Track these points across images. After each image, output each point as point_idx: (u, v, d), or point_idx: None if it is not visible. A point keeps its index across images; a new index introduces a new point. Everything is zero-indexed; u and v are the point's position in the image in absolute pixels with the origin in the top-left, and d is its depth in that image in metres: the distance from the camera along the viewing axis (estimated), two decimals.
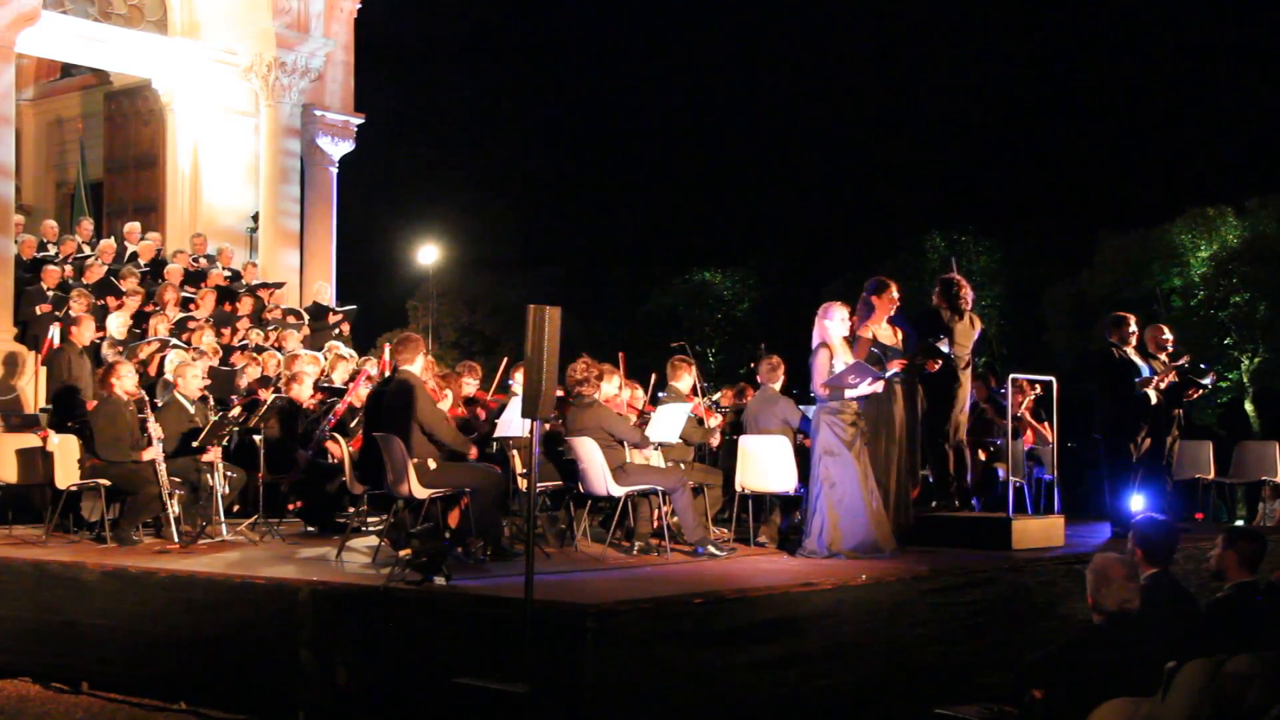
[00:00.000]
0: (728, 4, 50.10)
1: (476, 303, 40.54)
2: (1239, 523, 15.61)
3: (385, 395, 9.23)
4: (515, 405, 9.14)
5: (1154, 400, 10.50)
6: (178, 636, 7.84)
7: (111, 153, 19.29)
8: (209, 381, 11.34)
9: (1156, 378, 10.49)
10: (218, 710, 7.56)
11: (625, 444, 9.53)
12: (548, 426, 9.67)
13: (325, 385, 12.00)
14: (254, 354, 13.24)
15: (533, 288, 35.31)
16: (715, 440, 10.96)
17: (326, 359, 13.27)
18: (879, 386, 9.10)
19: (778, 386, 10.27)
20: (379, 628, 7.05)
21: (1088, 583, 5.33)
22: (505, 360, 11.77)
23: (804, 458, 9.58)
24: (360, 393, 10.96)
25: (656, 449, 9.83)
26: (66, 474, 10.17)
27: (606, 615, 6.40)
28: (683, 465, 10.18)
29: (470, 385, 10.72)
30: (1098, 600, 5.27)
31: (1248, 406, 30.08)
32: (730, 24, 51.44)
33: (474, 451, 9.28)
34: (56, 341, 12.35)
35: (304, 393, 11.33)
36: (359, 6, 19.78)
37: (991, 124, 42.37)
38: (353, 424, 10.70)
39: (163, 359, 12.01)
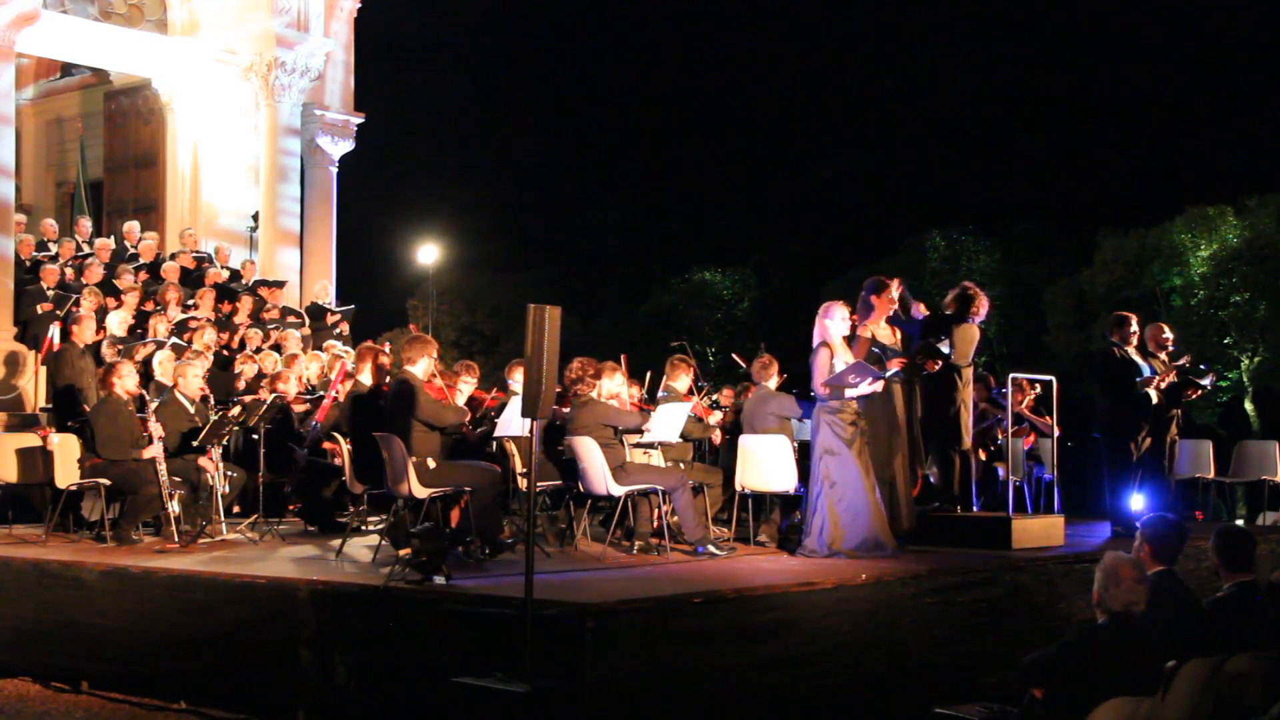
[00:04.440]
0: (728, 4, 50.14)
1: (476, 303, 40.56)
2: (1239, 522, 15.61)
3: (386, 395, 9.24)
4: (515, 405, 9.15)
5: (1155, 400, 10.50)
6: (178, 636, 7.84)
7: (111, 152, 19.30)
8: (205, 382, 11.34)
9: (1157, 378, 10.50)
10: (218, 710, 7.57)
11: (624, 442, 9.54)
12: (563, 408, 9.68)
13: (309, 392, 12.01)
14: (252, 354, 13.25)
15: (533, 288, 35.32)
16: (717, 438, 10.96)
17: (325, 358, 13.29)
18: (879, 386, 9.11)
19: (772, 385, 10.28)
20: (379, 627, 7.05)
21: (1096, 580, 5.31)
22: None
23: (804, 457, 9.58)
24: (344, 389, 10.92)
25: (656, 448, 9.83)
26: (66, 473, 10.18)
27: (606, 615, 6.40)
28: (682, 465, 10.18)
29: (469, 385, 10.71)
30: (1104, 599, 5.26)
31: (1248, 406, 30.06)
32: (730, 24, 51.50)
33: (467, 415, 9.50)
34: (56, 341, 12.35)
35: (290, 390, 11.36)
36: (359, 6, 19.78)
37: (991, 124, 42.44)
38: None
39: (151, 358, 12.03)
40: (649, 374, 11.52)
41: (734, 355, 14.43)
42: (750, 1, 49.77)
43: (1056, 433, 11.26)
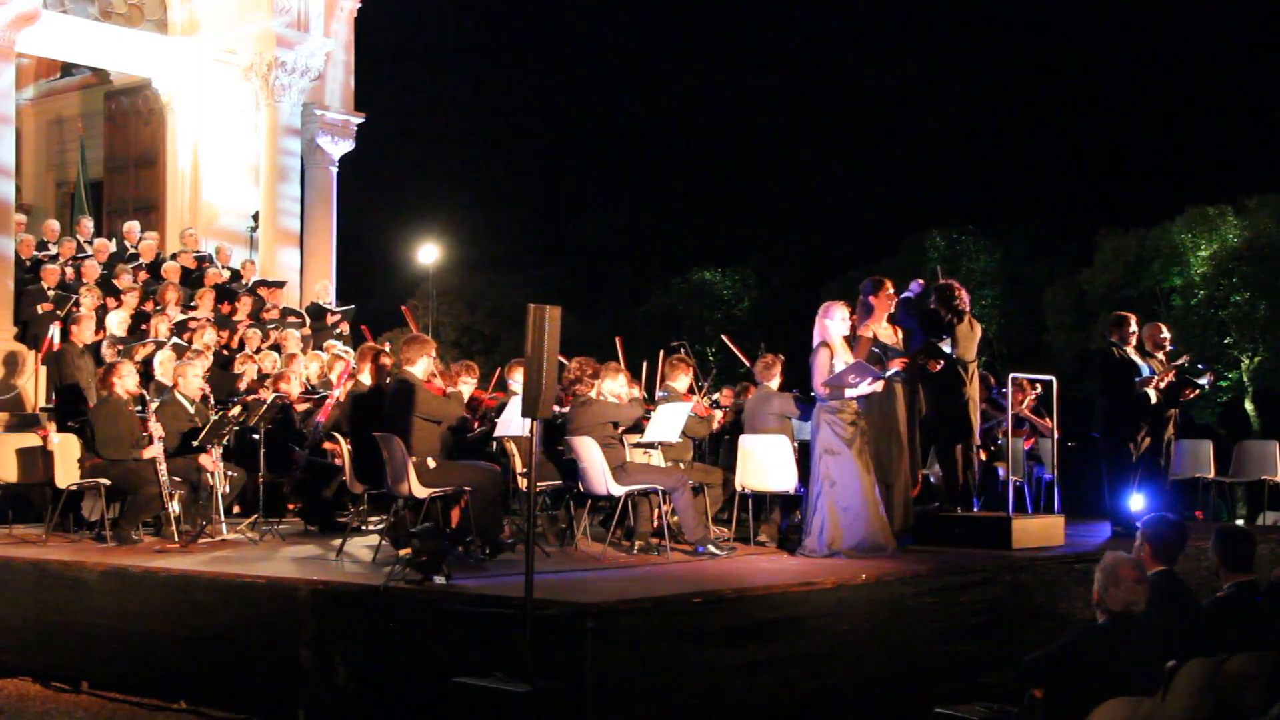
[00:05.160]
0: (727, 4, 50.14)
1: (476, 303, 40.54)
2: (1239, 522, 15.62)
3: (385, 396, 9.24)
4: (515, 405, 9.15)
5: (1154, 400, 10.50)
6: (178, 636, 7.85)
7: (111, 152, 19.30)
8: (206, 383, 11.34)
9: (1157, 377, 10.50)
10: (218, 710, 7.57)
11: (624, 442, 9.54)
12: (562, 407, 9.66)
13: (310, 392, 12.00)
14: (252, 354, 13.25)
15: (533, 288, 35.29)
16: (715, 426, 10.96)
17: (325, 358, 13.28)
18: (879, 386, 9.11)
19: (774, 384, 10.29)
20: (379, 628, 7.05)
21: (1095, 580, 5.32)
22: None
23: (804, 457, 9.58)
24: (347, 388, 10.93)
25: (656, 448, 9.83)
26: (67, 473, 10.18)
27: (606, 615, 6.40)
28: (682, 465, 10.18)
29: (468, 385, 10.71)
30: (1104, 599, 5.26)
31: (1248, 406, 30.05)
32: (730, 23, 51.49)
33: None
34: (56, 341, 12.36)
35: (293, 390, 11.36)
36: (359, 6, 19.78)
37: (991, 123, 42.41)
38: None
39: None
40: (645, 365, 11.49)
41: (724, 337, 14.21)
42: (750, 2, 49.79)
43: (1056, 435, 11.27)
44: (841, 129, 44.47)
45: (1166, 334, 11.09)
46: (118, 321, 12.90)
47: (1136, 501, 10.29)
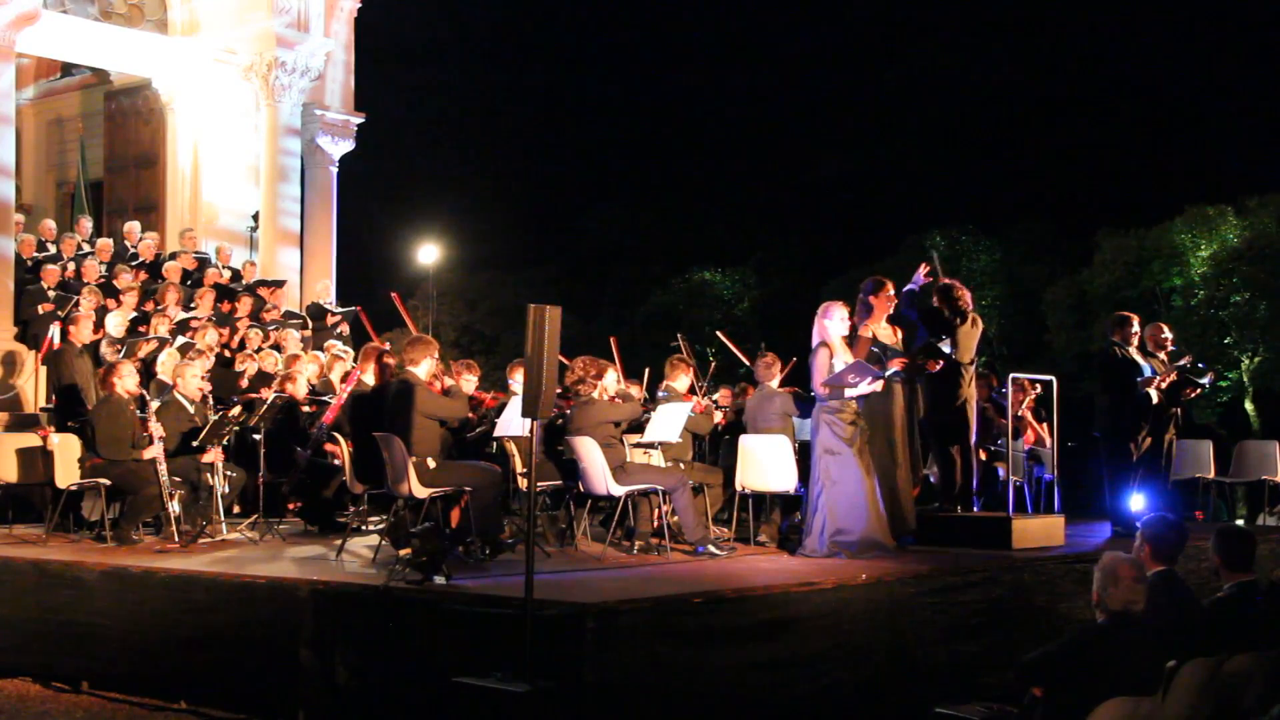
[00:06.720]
0: (727, 4, 50.15)
1: (476, 303, 40.56)
2: (1239, 522, 15.61)
3: (386, 396, 9.24)
4: (515, 405, 9.15)
5: (1155, 400, 10.50)
6: (178, 636, 7.84)
7: (111, 152, 19.30)
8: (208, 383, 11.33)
9: (1158, 378, 10.50)
10: (218, 710, 7.57)
11: (624, 442, 9.54)
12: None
13: (316, 393, 11.99)
14: (252, 354, 13.24)
15: (533, 288, 35.31)
16: (718, 419, 10.95)
17: (325, 358, 13.27)
18: (879, 385, 9.11)
19: (775, 384, 10.30)
20: (379, 628, 7.05)
21: (1095, 580, 5.32)
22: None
23: (804, 457, 9.59)
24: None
25: (656, 448, 9.84)
26: (67, 473, 10.18)
27: (606, 615, 6.40)
28: (682, 465, 10.18)
29: (470, 383, 10.71)
30: (1103, 599, 5.26)
31: (1248, 406, 30.06)
32: (730, 23, 51.49)
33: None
34: (56, 341, 12.36)
35: (299, 391, 11.36)
36: (359, 6, 19.79)
37: (991, 124, 42.40)
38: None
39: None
40: (647, 372, 11.49)
41: (720, 334, 13.93)
42: (751, 1, 49.80)
43: (1048, 441, 11.27)
44: (842, 129, 44.50)
45: (1169, 334, 11.10)
46: (116, 323, 12.89)
47: (1136, 501, 10.29)
